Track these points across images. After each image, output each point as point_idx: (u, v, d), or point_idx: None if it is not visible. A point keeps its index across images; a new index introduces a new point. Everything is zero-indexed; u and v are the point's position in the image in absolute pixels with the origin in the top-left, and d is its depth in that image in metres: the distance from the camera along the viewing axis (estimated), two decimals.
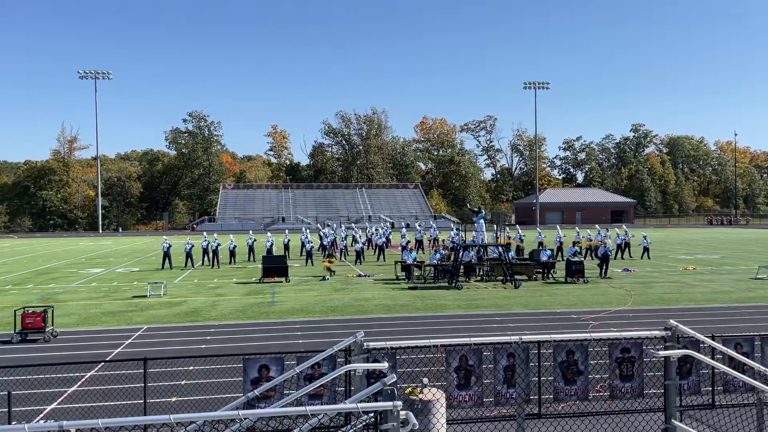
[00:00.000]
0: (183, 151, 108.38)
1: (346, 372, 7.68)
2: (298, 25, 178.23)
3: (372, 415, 5.89)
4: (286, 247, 36.91)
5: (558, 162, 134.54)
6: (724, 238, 59.55)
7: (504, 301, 21.58)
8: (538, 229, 44.32)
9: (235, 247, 36.16)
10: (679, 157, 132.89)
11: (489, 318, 18.58)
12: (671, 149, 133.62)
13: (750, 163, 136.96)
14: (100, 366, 12.88)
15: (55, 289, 25.95)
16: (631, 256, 36.42)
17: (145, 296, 23.20)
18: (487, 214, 32.40)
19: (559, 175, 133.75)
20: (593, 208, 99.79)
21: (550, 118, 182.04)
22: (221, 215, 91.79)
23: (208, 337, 16.19)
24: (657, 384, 8.20)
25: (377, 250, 38.36)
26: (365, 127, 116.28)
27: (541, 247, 31.59)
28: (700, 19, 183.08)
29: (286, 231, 40.68)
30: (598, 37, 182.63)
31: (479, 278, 27.50)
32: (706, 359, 7.82)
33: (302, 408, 5.11)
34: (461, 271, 26.48)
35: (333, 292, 23.96)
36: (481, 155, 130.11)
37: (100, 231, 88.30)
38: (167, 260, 33.20)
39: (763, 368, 7.94)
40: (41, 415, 10.21)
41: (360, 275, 29.48)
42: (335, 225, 57.63)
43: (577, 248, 32.54)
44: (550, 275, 27.79)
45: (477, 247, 27.68)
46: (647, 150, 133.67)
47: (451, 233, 38.03)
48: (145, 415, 8.85)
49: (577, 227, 45.60)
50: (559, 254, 35.09)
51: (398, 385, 7.24)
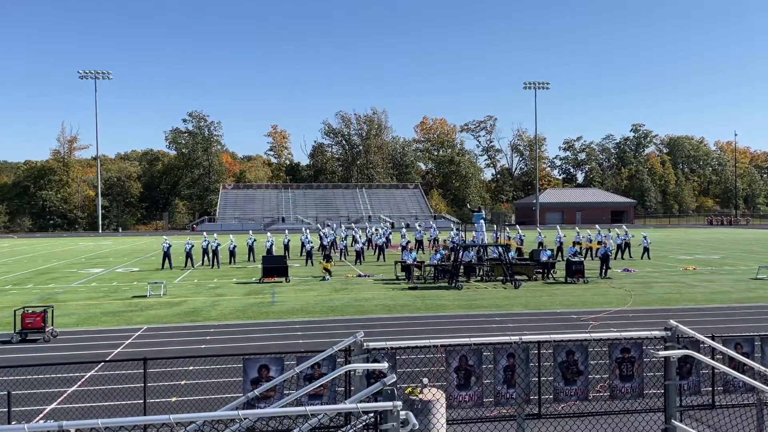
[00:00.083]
0: (183, 151, 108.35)
1: (346, 372, 7.68)
2: (298, 25, 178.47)
3: (372, 415, 5.89)
4: (286, 247, 36.92)
5: (558, 162, 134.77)
6: (724, 238, 59.54)
7: (504, 301, 21.58)
8: (538, 229, 44.31)
9: (235, 247, 36.16)
10: (679, 157, 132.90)
11: (489, 318, 18.58)
12: (671, 149, 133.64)
13: (750, 163, 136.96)
14: (100, 366, 12.88)
15: (55, 289, 25.95)
16: (631, 257, 36.42)
17: (145, 296, 23.20)
18: (487, 214, 32.36)
19: (559, 175, 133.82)
20: (593, 208, 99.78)
21: (550, 118, 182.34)
22: (221, 215, 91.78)
23: (208, 337, 16.19)
24: (657, 384, 8.20)
25: (377, 250, 38.36)
26: (365, 127, 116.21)
27: (541, 247, 31.59)
28: (700, 19, 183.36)
29: (286, 231, 40.67)
30: (598, 37, 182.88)
31: (479, 278, 27.51)
32: (706, 359, 7.82)
33: (302, 408, 5.11)
34: (461, 271, 26.49)
35: (333, 292, 23.96)
36: (481, 155, 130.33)
37: (100, 231, 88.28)
38: (167, 260, 33.21)
39: (763, 368, 7.94)
40: (41, 415, 10.21)
41: (360, 275, 29.49)
42: (335, 225, 57.61)
43: (577, 248, 32.56)
44: (550, 275, 27.80)
45: (477, 247, 27.68)
46: (647, 150, 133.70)
47: (451, 233, 38.03)
48: (144, 415, 8.85)
49: (577, 227, 45.59)
50: (559, 254, 35.10)
51: (398, 385, 7.24)
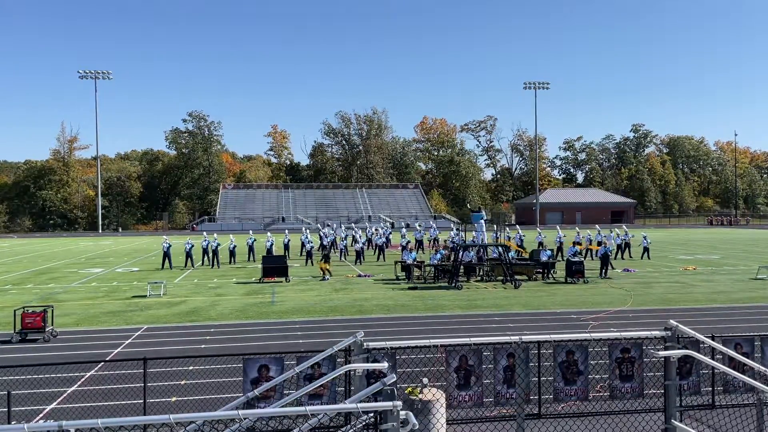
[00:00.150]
0: (183, 151, 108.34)
1: (346, 372, 7.68)
2: (298, 24, 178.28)
3: (372, 415, 5.89)
4: (286, 247, 36.93)
5: (558, 162, 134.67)
6: (724, 238, 59.54)
7: (504, 301, 21.57)
8: (538, 229, 44.31)
9: (235, 247, 36.15)
10: (679, 158, 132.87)
11: (489, 318, 18.58)
12: (671, 149, 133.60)
13: (750, 163, 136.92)
14: (99, 366, 12.88)
15: (55, 289, 25.94)
16: (631, 257, 36.41)
17: (145, 296, 23.20)
18: (487, 215, 32.36)
19: (559, 175, 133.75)
20: (593, 208, 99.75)
21: (550, 118, 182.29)
22: (221, 215, 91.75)
23: (208, 337, 16.18)
24: (657, 384, 8.20)
25: (377, 250, 38.36)
26: (365, 127, 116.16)
27: (541, 248, 31.59)
28: (700, 19, 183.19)
29: (286, 231, 40.68)
30: (598, 37, 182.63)
31: (479, 278, 27.51)
32: (706, 359, 7.81)
33: (302, 408, 5.11)
34: (461, 271, 26.48)
35: (333, 292, 23.96)
36: (481, 155, 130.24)
37: (100, 231, 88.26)
38: (167, 260, 33.21)
39: (763, 368, 7.94)
40: (41, 415, 10.20)
41: (360, 275, 29.48)
42: (335, 225, 57.60)
43: (577, 248, 32.55)
44: (550, 275, 27.80)
45: (477, 247, 27.68)
46: (647, 150, 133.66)
47: (451, 233, 38.03)
48: (144, 415, 8.85)
49: (577, 227, 45.59)
50: (559, 254, 35.10)
51: (398, 385, 7.24)
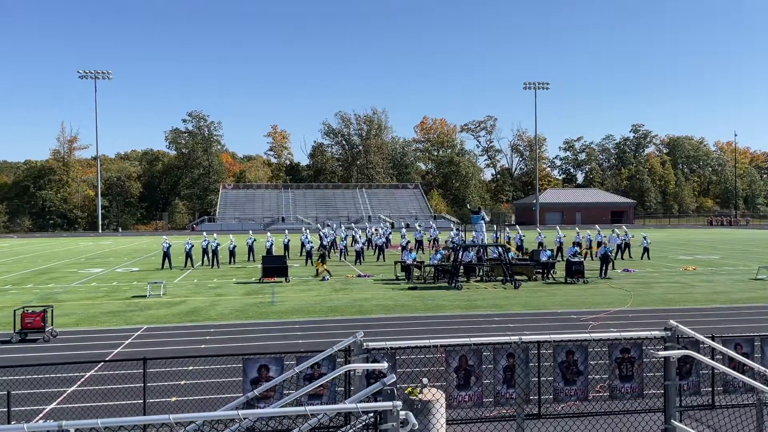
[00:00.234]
0: (183, 151, 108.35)
1: (345, 372, 7.68)
2: (298, 24, 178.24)
3: (372, 415, 5.88)
4: (286, 247, 36.93)
5: (558, 162, 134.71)
6: (723, 238, 59.53)
7: (504, 302, 21.57)
8: (538, 229, 44.31)
9: (235, 247, 36.15)
10: (679, 158, 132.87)
11: (488, 318, 18.58)
12: (671, 150, 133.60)
13: (750, 163, 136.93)
14: (99, 366, 12.87)
15: (55, 288, 25.94)
16: (631, 257, 36.41)
17: (145, 296, 23.20)
18: (487, 215, 32.35)
19: (559, 175, 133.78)
20: (593, 208, 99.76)
21: (550, 118, 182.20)
22: (221, 215, 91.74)
23: (208, 337, 16.18)
24: (657, 384, 8.20)
25: (377, 250, 38.36)
26: (365, 127, 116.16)
27: (541, 248, 31.59)
28: (700, 19, 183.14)
29: (286, 231, 40.70)
30: (598, 37, 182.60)
31: (479, 278, 27.51)
32: (706, 360, 7.81)
33: (302, 408, 5.11)
34: (461, 271, 26.48)
35: (333, 292, 23.95)
36: (481, 155, 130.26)
37: (100, 231, 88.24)
38: (167, 260, 33.20)
39: (763, 368, 7.94)
40: (41, 415, 10.20)
41: (360, 275, 29.48)
42: (335, 225, 57.61)
43: (577, 248, 32.55)
44: (550, 275, 27.80)
45: (477, 248, 27.68)
46: (647, 150, 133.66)
47: (451, 233, 38.02)
48: (144, 415, 8.85)
49: (577, 228, 45.59)
50: (559, 254, 35.10)
51: (398, 385, 7.24)
